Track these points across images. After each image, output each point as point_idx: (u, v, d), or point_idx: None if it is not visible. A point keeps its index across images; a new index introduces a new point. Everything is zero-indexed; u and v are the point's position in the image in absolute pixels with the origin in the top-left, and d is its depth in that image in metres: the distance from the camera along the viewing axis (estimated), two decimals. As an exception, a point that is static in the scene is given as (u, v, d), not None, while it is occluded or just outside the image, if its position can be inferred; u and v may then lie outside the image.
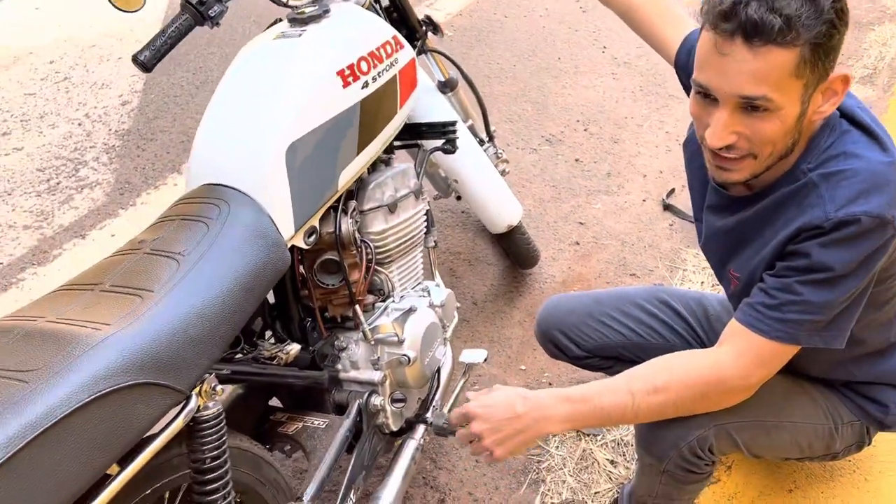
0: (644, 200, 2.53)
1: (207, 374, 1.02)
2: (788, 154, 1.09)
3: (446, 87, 1.84)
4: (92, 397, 0.83)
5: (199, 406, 1.00)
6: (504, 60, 3.35)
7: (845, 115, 1.10)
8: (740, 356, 1.13)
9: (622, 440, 1.74)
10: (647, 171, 2.66)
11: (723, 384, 1.15)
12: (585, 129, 2.89)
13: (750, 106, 1.00)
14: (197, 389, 1.00)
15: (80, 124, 3.07)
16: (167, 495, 1.08)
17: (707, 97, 1.05)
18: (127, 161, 2.84)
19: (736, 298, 1.29)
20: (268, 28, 1.56)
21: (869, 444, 1.36)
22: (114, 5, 1.29)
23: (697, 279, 2.18)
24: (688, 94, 1.14)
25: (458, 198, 2.12)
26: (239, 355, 1.25)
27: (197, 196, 1.19)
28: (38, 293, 2.25)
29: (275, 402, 1.47)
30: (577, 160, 2.74)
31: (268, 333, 1.35)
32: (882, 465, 1.50)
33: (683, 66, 1.31)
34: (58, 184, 2.72)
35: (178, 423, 0.96)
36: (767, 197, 1.15)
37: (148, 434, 0.92)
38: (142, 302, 0.97)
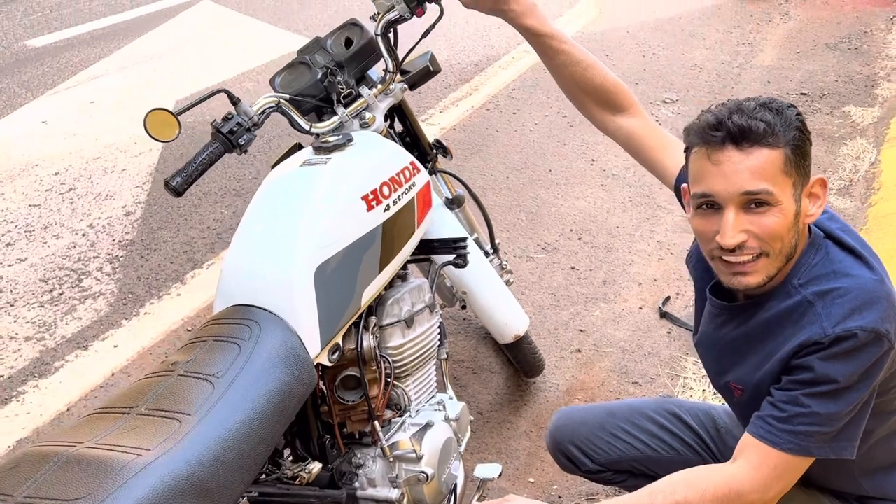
0: (641, 308, 2.60)
1: (242, 497, 1.03)
2: (792, 256, 1.15)
3: (454, 203, 1.92)
4: (136, 526, 0.84)
5: (232, 532, 1.00)
6: (498, 172, 3.49)
7: (830, 236, 1.18)
8: (757, 470, 1.16)
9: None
10: (642, 279, 2.74)
11: (742, 498, 1.16)
12: (579, 238, 2.99)
13: (754, 203, 1.10)
14: (230, 515, 1.01)
15: (84, 234, 3.12)
16: None
17: (710, 207, 1.13)
18: (130, 271, 2.88)
19: (740, 408, 1.32)
20: (287, 153, 1.65)
21: None
22: (150, 134, 1.36)
23: (699, 387, 2.22)
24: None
25: (464, 307, 2.17)
26: (262, 476, 1.25)
27: (227, 317, 1.23)
28: (39, 406, 2.23)
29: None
30: (573, 268, 2.82)
31: (286, 451, 1.36)
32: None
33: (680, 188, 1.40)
34: (61, 294, 2.74)
35: (214, 551, 0.96)
36: (763, 309, 1.21)
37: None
38: (180, 426, 0.99)
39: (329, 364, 1.30)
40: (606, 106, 1.45)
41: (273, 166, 1.62)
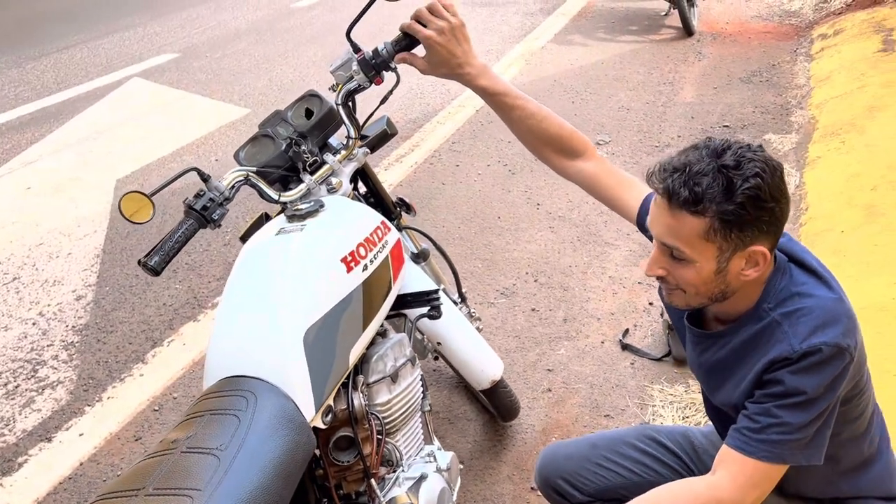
0: (602, 342, 2.68)
1: (260, 568, 1.03)
2: (721, 300, 1.26)
3: (419, 257, 1.98)
4: None
5: None
6: (449, 223, 3.58)
7: (793, 259, 1.29)
8: (734, 479, 1.24)
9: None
10: (600, 314, 2.84)
11: None
12: (535, 280, 3.08)
13: (671, 252, 1.22)
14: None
15: (34, 323, 3.04)
16: None
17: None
18: (88, 356, 2.81)
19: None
20: (254, 224, 1.69)
21: None
22: (125, 217, 1.38)
23: (668, 413, 2.30)
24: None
25: (436, 358, 2.21)
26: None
27: (221, 390, 1.24)
28: (5, 506, 2.14)
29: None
30: (533, 309, 2.90)
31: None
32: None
33: (643, 224, 1.49)
34: (17, 387, 2.65)
35: None
36: (737, 335, 1.31)
37: None
38: (193, 503, 1.00)
39: (323, 426, 1.32)
40: (564, 153, 1.55)
41: (242, 238, 1.65)
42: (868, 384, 1.34)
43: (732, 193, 1.14)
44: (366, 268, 1.45)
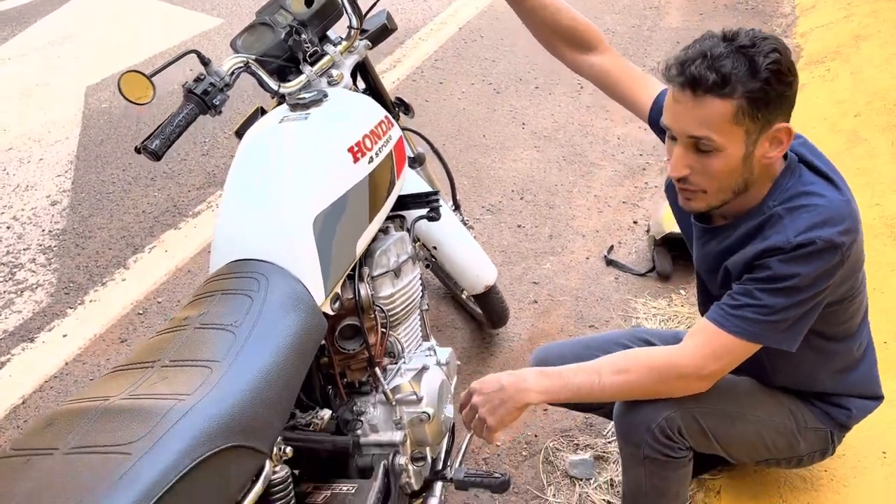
0: (587, 258, 2.72)
1: (279, 436, 1.04)
2: (743, 191, 1.27)
3: (415, 161, 1.96)
4: (195, 463, 0.85)
5: (272, 470, 1.02)
6: (433, 140, 3.53)
7: (803, 160, 1.30)
8: (699, 348, 1.29)
9: (614, 480, 1.84)
10: (585, 231, 2.87)
11: (678, 370, 1.30)
12: (521, 198, 3.08)
13: (698, 145, 1.20)
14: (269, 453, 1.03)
15: (8, 227, 2.96)
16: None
17: (672, 138, 1.25)
18: (67, 260, 2.76)
19: None
20: (250, 117, 1.64)
21: (832, 452, 1.50)
22: (125, 97, 1.33)
23: (651, 325, 2.35)
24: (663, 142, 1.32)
25: (427, 266, 2.22)
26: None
27: (230, 272, 1.23)
28: (-9, 404, 2.13)
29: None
30: (519, 226, 2.91)
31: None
32: (855, 469, 1.66)
33: (655, 121, 1.49)
34: (-6, 289, 2.60)
35: (259, 488, 0.98)
36: (739, 227, 1.32)
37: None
38: (212, 372, 1.00)
39: (332, 313, 1.32)
40: (577, 46, 1.52)
41: (237, 132, 1.61)
42: (862, 288, 1.38)
43: (757, 71, 1.14)
44: (371, 160, 1.43)
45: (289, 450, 1.06)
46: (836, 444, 1.51)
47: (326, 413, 1.31)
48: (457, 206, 2.15)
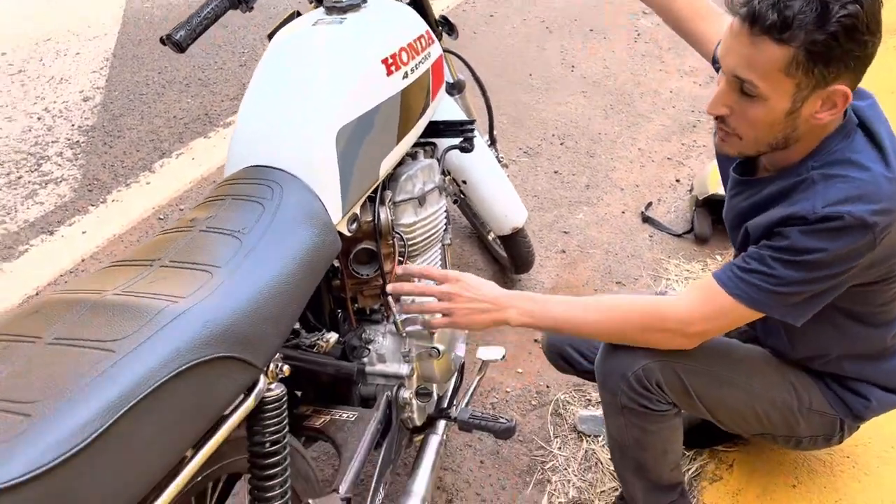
0: (623, 212, 2.61)
1: (277, 353, 0.99)
2: (782, 147, 1.14)
3: (454, 88, 1.85)
4: (181, 368, 0.80)
5: (266, 387, 0.97)
6: (477, 74, 3.39)
7: (864, 126, 1.16)
8: (693, 303, 1.20)
9: (623, 440, 1.78)
10: (624, 184, 2.75)
11: (664, 321, 1.22)
12: (562, 143, 2.96)
13: (742, 87, 1.08)
14: (265, 369, 0.97)
15: (39, 118, 2.93)
16: (223, 480, 1.03)
17: (721, 72, 1.13)
18: (93, 157, 2.72)
19: None
20: (284, 21, 1.54)
21: (839, 441, 1.40)
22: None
23: (681, 288, 2.25)
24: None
25: (455, 201, 2.13)
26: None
27: (244, 177, 1.16)
28: (5, 290, 2.12)
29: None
30: (556, 172, 2.80)
31: (296, 323, 1.32)
32: (879, 459, 1.58)
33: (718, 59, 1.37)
34: (19, 178, 2.58)
35: (250, 403, 0.93)
36: (772, 184, 1.21)
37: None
38: (212, 278, 0.93)
39: (348, 234, 1.24)
40: None
41: (269, 35, 1.51)
42: None
43: (826, 21, 0.99)
44: (406, 76, 1.33)
45: (286, 368, 1.00)
46: (846, 433, 1.40)
47: (333, 336, 1.25)
48: (493, 142, 2.04)
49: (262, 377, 0.95)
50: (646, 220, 2.56)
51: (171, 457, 0.81)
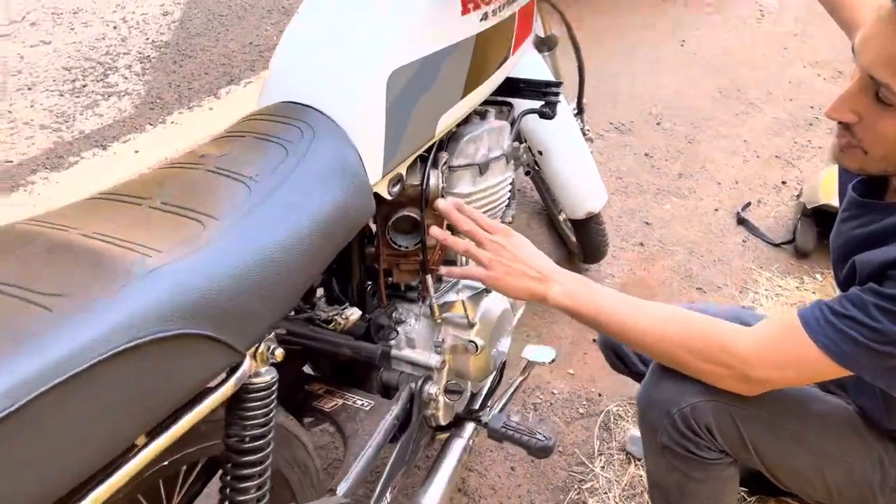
0: (716, 210, 2.33)
1: (268, 334, 0.82)
2: None
3: (544, 44, 1.63)
4: (132, 343, 0.63)
5: (252, 371, 0.80)
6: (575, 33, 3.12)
7: None
8: (765, 339, 0.97)
9: (676, 471, 1.55)
10: (722, 178, 2.46)
11: (723, 351, 0.98)
12: (658, 123, 2.67)
13: (878, 91, 0.86)
14: (252, 350, 0.80)
15: (115, 27, 2.84)
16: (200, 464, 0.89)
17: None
18: (161, 75, 2.61)
19: None
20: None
21: None
22: None
23: (770, 306, 1.98)
24: None
25: (528, 173, 1.91)
26: (292, 311, 1.04)
27: (274, 114, 0.98)
28: (46, 200, 2.03)
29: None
30: (646, 154, 2.53)
31: (319, 291, 1.15)
32: None
33: None
34: (84, 86, 2.49)
35: (227, 389, 0.76)
36: (892, 215, 0.97)
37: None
38: (203, 229, 0.76)
39: (388, 197, 1.05)
40: None
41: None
42: None
43: None
44: (486, 17, 1.11)
45: (279, 352, 0.83)
46: None
47: (354, 314, 1.07)
48: (580, 111, 1.80)
49: (247, 359, 0.78)
50: (741, 221, 2.28)
51: (110, 447, 0.65)
